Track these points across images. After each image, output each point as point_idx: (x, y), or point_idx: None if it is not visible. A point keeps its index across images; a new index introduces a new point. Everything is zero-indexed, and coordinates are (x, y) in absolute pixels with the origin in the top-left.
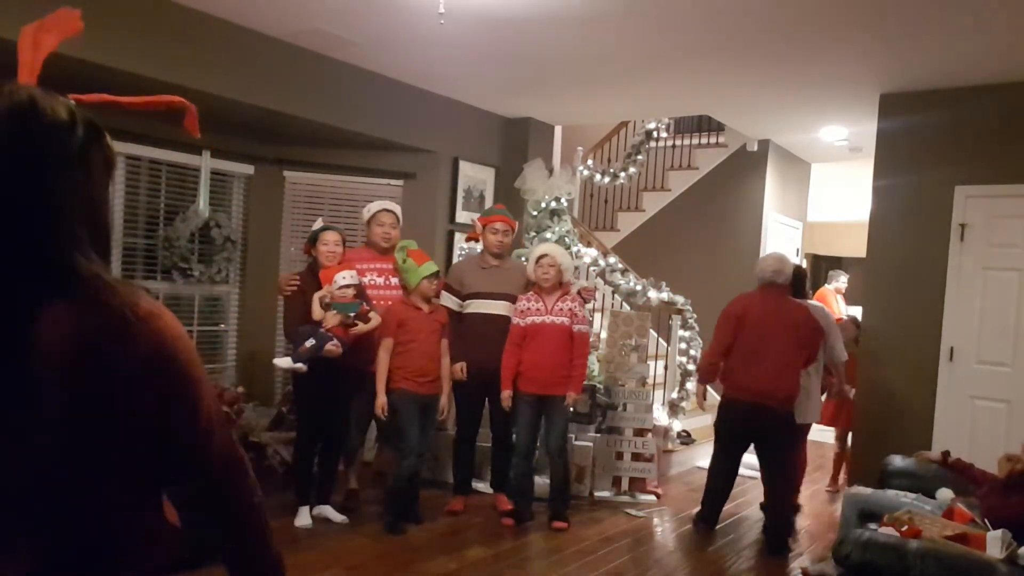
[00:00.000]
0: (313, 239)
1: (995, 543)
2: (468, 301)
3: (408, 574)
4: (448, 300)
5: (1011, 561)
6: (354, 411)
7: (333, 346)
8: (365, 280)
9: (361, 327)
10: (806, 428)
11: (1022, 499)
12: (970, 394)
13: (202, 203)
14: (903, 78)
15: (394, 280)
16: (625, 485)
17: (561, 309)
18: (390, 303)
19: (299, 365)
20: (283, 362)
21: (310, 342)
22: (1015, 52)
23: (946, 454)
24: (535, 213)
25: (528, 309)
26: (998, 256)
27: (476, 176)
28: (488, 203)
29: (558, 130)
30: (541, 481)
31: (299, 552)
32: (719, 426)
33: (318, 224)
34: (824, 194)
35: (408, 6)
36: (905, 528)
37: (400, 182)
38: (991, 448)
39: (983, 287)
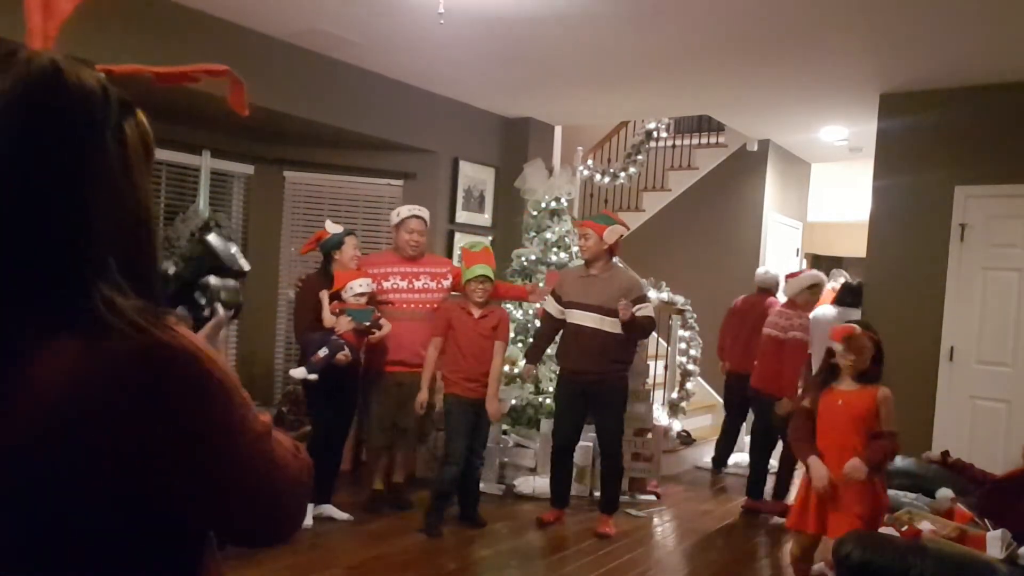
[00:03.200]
0: (337, 244)
1: (995, 543)
2: (568, 309)
3: (408, 574)
4: (550, 305)
5: (1011, 561)
6: (374, 411)
7: (343, 355)
8: (389, 284)
9: (376, 335)
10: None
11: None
12: (970, 394)
13: (202, 203)
14: (903, 78)
15: (418, 283)
16: (625, 485)
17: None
18: (436, 305)
19: (312, 376)
20: (298, 373)
21: (323, 351)
22: (1015, 52)
23: (946, 454)
24: (535, 213)
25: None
26: (998, 256)
27: (476, 176)
28: (488, 203)
29: (558, 130)
30: (542, 482)
31: (299, 552)
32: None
33: (336, 228)
34: (824, 194)
35: (408, 6)
36: (905, 528)
37: (400, 182)
38: (991, 448)
39: (983, 287)
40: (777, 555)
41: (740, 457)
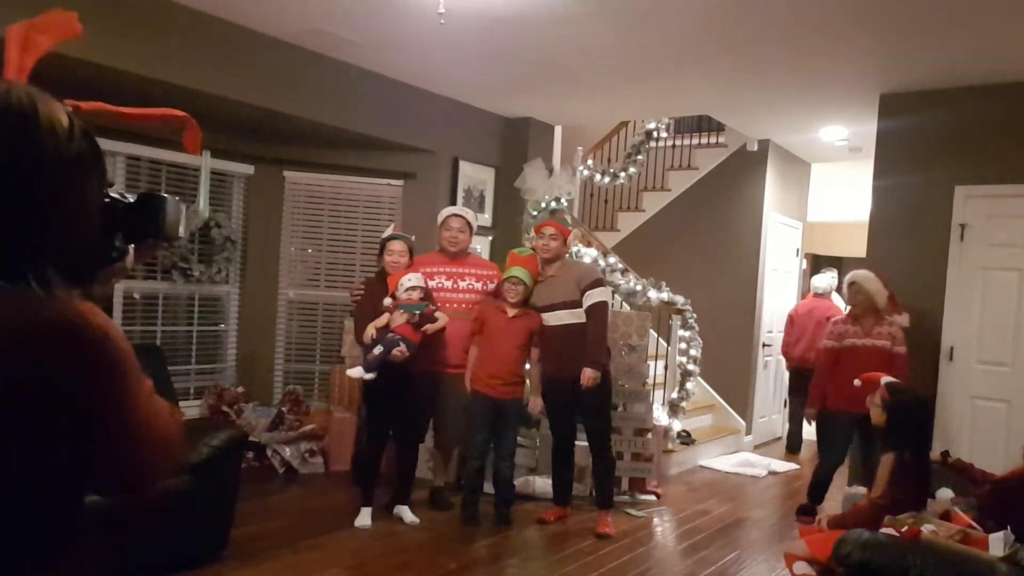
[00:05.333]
0: (381, 247)
1: (997, 543)
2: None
3: (408, 574)
4: None
5: (1012, 561)
6: (428, 411)
7: (399, 351)
8: (433, 284)
9: (430, 326)
10: None
11: None
12: (970, 394)
13: (202, 203)
14: (903, 78)
15: (463, 284)
16: (625, 485)
17: (880, 332)
18: (473, 305)
19: (370, 375)
20: (355, 372)
21: (378, 349)
22: (1015, 52)
23: (946, 454)
24: (535, 213)
25: (846, 332)
26: (998, 256)
27: (476, 176)
28: (488, 203)
29: (558, 130)
30: (543, 482)
31: (299, 552)
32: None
33: (387, 232)
34: (824, 194)
35: (408, 6)
36: (905, 528)
37: (400, 182)
38: (991, 448)
39: (983, 287)
40: (777, 555)
41: (744, 457)
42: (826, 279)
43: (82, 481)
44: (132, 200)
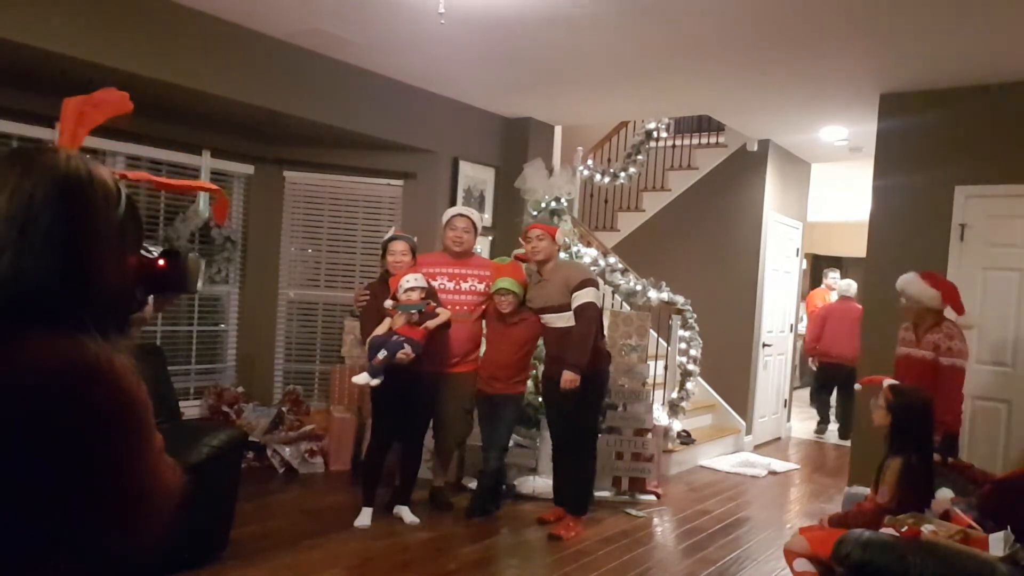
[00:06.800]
0: (383, 250)
1: (997, 543)
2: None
3: (408, 574)
4: None
5: (1012, 561)
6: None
7: (404, 354)
8: (436, 284)
9: (431, 322)
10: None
11: None
12: (970, 394)
13: (202, 203)
14: (903, 78)
15: (465, 285)
16: (625, 485)
17: (928, 342)
18: (475, 307)
19: (375, 380)
20: (360, 378)
21: (382, 353)
22: (1015, 52)
23: (946, 454)
24: (535, 213)
25: (902, 339)
26: (998, 256)
27: (476, 176)
28: (488, 203)
29: (558, 130)
30: (543, 482)
31: (299, 552)
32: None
33: (389, 234)
34: (824, 194)
35: (408, 6)
36: (905, 528)
37: (400, 182)
38: (991, 448)
39: (983, 287)
40: (777, 555)
41: (744, 457)
42: (851, 283)
43: (75, 524)
44: (156, 254)
